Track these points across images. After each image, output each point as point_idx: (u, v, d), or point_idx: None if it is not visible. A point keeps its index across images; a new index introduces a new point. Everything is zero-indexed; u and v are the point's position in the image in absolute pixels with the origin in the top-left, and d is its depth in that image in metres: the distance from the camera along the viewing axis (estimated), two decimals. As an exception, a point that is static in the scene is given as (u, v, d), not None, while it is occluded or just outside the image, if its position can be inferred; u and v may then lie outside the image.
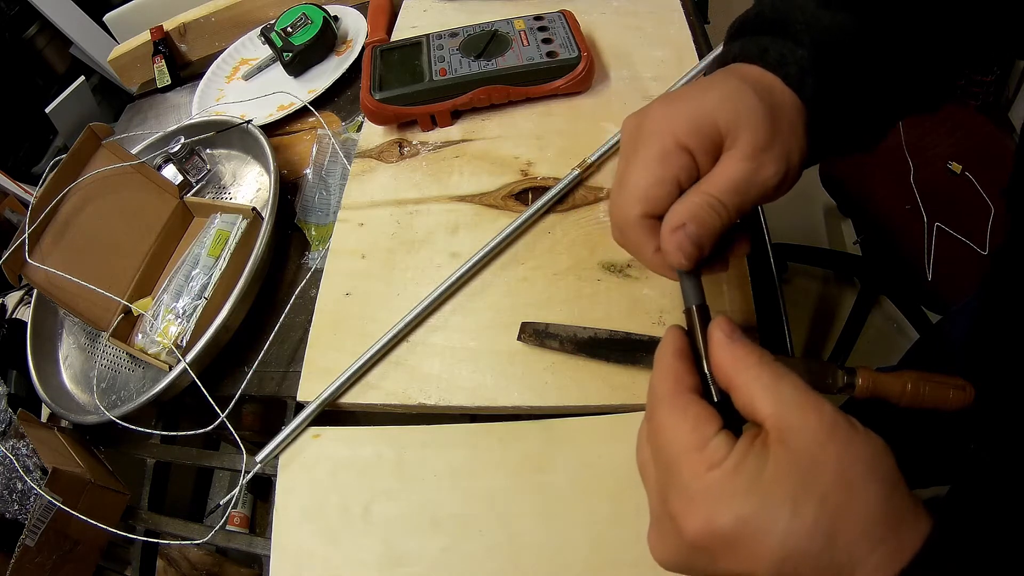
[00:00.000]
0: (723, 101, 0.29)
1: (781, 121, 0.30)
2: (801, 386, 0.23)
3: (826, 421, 0.22)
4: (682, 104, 0.30)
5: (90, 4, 1.04)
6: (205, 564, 0.62)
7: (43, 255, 0.54)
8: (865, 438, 0.22)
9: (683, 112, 0.30)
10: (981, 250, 0.90)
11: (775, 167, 0.29)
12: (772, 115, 0.29)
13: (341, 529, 0.40)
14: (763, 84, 0.31)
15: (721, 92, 0.30)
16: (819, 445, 0.21)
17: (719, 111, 0.29)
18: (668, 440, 0.24)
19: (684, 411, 0.24)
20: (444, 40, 0.56)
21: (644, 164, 0.30)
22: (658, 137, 0.30)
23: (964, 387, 0.35)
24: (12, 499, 0.47)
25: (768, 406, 0.23)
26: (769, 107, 0.30)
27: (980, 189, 0.94)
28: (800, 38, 0.31)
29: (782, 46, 0.31)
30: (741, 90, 0.30)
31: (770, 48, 0.31)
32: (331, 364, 0.44)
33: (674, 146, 0.29)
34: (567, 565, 0.36)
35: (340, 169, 0.59)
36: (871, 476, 0.21)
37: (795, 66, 0.31)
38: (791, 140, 0.30)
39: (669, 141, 0.29)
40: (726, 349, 0.25)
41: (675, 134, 0.29)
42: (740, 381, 0.24)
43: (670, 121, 0.30)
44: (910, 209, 0.95)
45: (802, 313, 1.41)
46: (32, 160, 1.04)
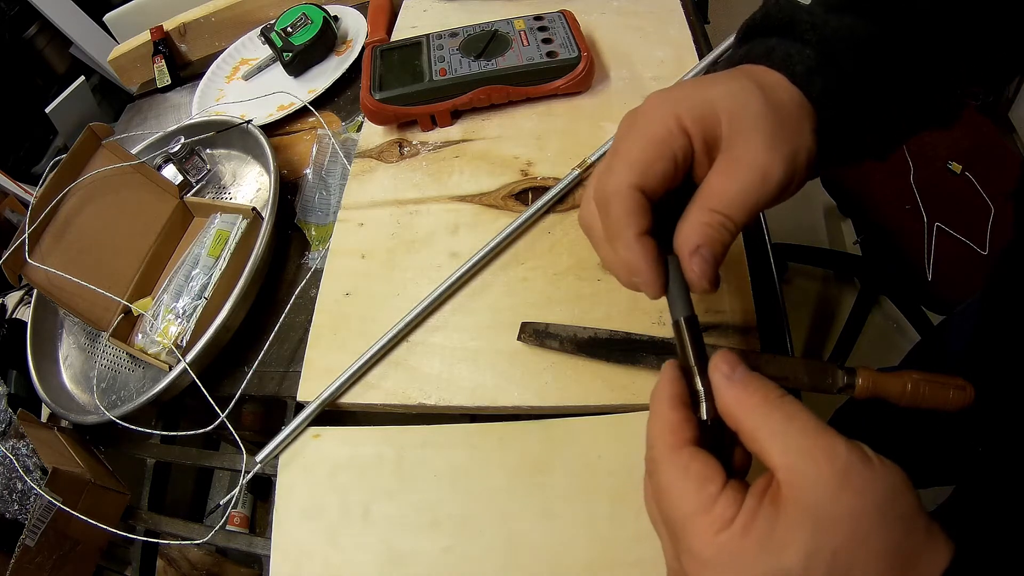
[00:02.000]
0: (729, 96, 0.28)
1: (787, 121, 0.28)
2: (811, 429, 0.22)
3: (839, 468, 0.21)
4: (686, 90, 0.29)
5: (90, 4, 1.04)
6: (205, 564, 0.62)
7: (43, 255, 0.54)
8: (881, 476, 0.21)
9: (687, 97, 0.28)
10: (981, 250, 0.90)
11: (781, 171, 0.27)
12: (778, 116, 0.28)
13: (341, 529, 0.40)
14: (768, 83, 0.30)
15: (728, 87, 0.29)
16: (831, 498, 0.21)
17: (723, 104, 0.28)
18: (674, 504, 0.23)
19: (686, 470, 0.23)
20: (444, 40, 0.56)
21: (643, 137, 0.28)
22: (659, 116, 0.28)
23: (964, 387, 0.35)
24: (12, 499, 0.47)
25: (777, 455, 0.22)
26: (774, 107, 0.28)
27: (980, 189, 0.94)
28: (807, 38, 0.30)
29: (789, 46, 0.30)
30: (747, 89, 0.28)
31: (776, 48, 0.31)
32: (331, 364, 0.44)
33: (676, 126, 0.28)
34: (567, 565, 0.36)
35: (340, 169, 0.59)
36: (886, 520, 0.21)
37: (802, 64, 0.30)
38: (797, 140, 0.28)
39: (672, 121, 0.28)
40: (728, 392, 0.24)
41: (677, 115, 0.28)
42: (747, 426, 0.23)
43: (673, 104, 0.28)
44: (910, 209, 0.95)
45: (802, 313, 1.41)
46: (32, 160, 1.04)
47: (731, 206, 0.27)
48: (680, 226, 0.28)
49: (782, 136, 0.28)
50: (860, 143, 0.33)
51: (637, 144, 0.28)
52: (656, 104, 0.29)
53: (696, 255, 0.27)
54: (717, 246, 0.27)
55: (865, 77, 0.30)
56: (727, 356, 0.25)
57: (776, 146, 0.27)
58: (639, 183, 0.28)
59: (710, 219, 0.27)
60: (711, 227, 0.27)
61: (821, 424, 0.22)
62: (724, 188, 0.27)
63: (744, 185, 0.27)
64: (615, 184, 0.28)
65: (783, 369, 0.37)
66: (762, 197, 0.27)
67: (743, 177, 0.27)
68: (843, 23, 0.30)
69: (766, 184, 0.27)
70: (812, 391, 0.37)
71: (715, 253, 0.27)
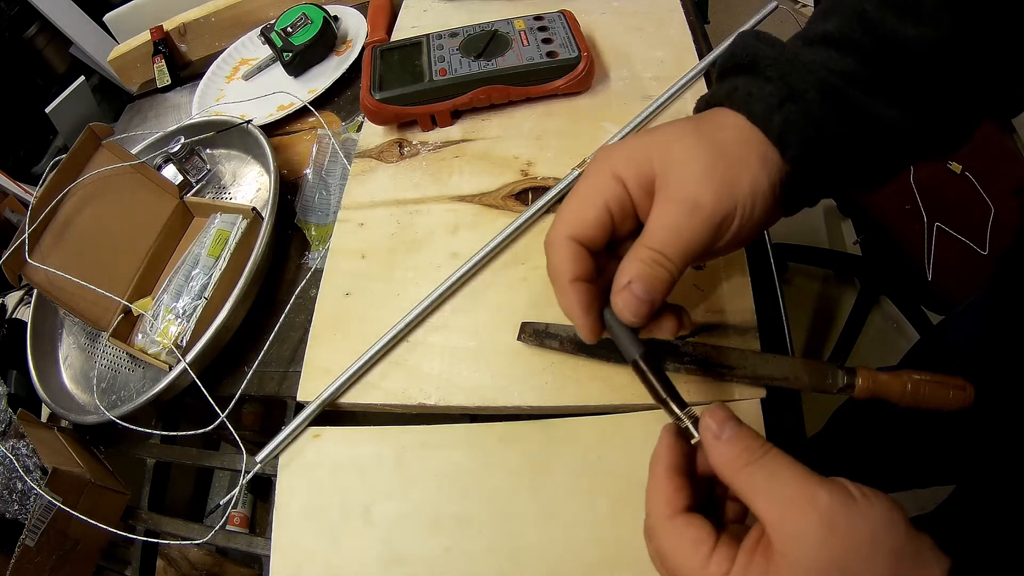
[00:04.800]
0: (661, 140, 0.30)
1: (724, 156, 0.29)
2: (793, 480, 0.23)
3: (824, 517, 0.22)
4: (626, 141, 0.31)
5: (90, 4, 1.04)
6: (205, 564, 0.62)
7: (43, 255, 0.54)
8: (865, 514, 0.22)
9: (623, 147, 0.31)
10: (981, 250, 0.90)
11: (711, 202, 0.28)
12: (713, 151, 0.29)
13: (341, 529, 0.40)
14: (716, 123, 0.31)
15: (663, 132, 0.30)
16: (818, 546, 0.22)
17: (655, 148, 0.30)
18: (672, 565, 0.25)
19: (680, 535, 0.25)
20: (444, 40, 0.56)
21: (580, 192, 0.31)
22: (597, 169, 0.31)
23: (964, 387, 0.35)
24: (12, 499, 0.47)
25: (764, 509, 0.23)
26: (710, 144, 0.29)
27: (980, 189, 0.94)
28: (768, 74, 0.30)
29: (751, 84, 0.31)
30: (681, 131, 0.30)
31: (739, 87, 0.31)
32: (331, 364, 0.44)
33: (609, 177, 0.30)
34: (567, 565, 0.36)
35: (340, 169, 0.59)
36: (875, 557, 0.22)
37: (760, 103, 0.30)
38: (736, 173, 0.29)
39: (606, 172, 0.30)
40: (715, 452, 0.25)
41: (612, 166, 0.30)
42: (737, 484, 0.25)
43: (611, 155, 0.31)
44: (910, 209, 0.95)
45: (802, 313, 1.41)
46: (32, 160, 1.04)
47: (663, 242, 0.28)
48: (619, 267, 0.29)
49: (717, 169, 0.28)
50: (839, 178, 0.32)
51: (574, 197, 0.31)
52: (596, 159, 0.31)
53: (625, 290, 0.28)
54: (650, 282, 0.28)
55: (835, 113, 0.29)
56: (715, 415, 0.26)
57: (707, 178, 0.28)
58: (571, 233, 0.30)
59: (643, 255, 0.28)
60: (643, 263, 0.28)
61: (804, 474, 0.23)
62: (656, 225, 0.29)
63: (673, 220, 0.28)
64: (552, 235, 0.30)
65: (783, 369, 0.37)
66: (694, 230, 0.28)
67: (672, 211, 0.28)
68: (817, 56, 0.30)
69: (695, 216, 0.28)
70: (812, 391, 0.37)
71: (648, 289, 0.28)
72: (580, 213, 0.30)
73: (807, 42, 0.31)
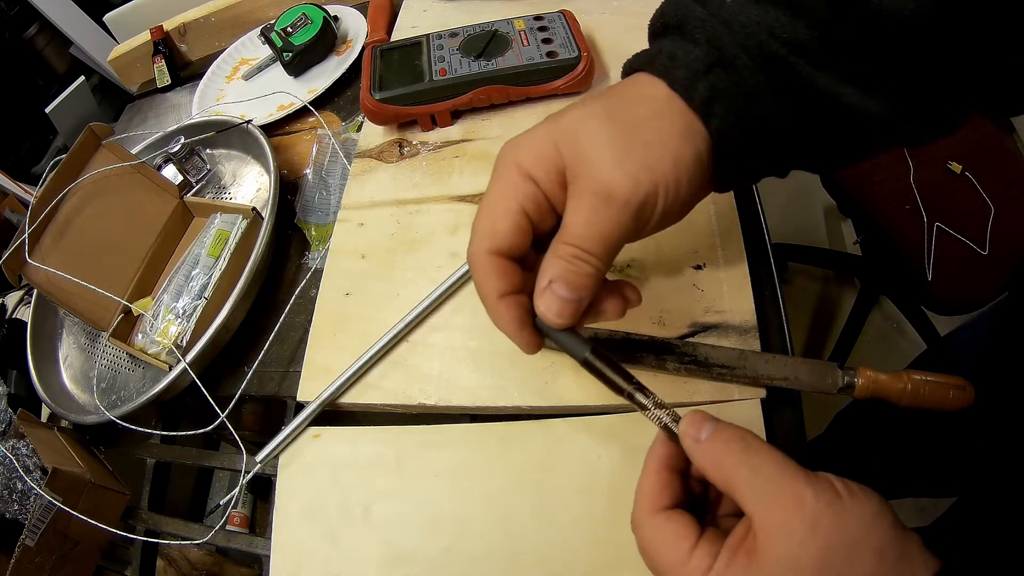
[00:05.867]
0: (568, 128, 0.27)
1: (640, 136, 0.27)
2: (777, 477, 0.23)
3: (807, 515, 0.22)
4: (533, 133, 0.28)
5: (90, 4, 1.04)
6: (205, 564, 0.62)
7: (43, 255, 0.54)
8: (851, 512, 0.22)
9: (530, 142, 0.28)
10: (981, 250, 0.90)
11: (628, 188, 0.26)
12: (626, 133, 0.26)
13: (341, 529, 0.40)
14: (630, 96, 0.28)
15: (570, 117, 0.28)
16: (800, 544, 0.22)
17: (560, 136, 0.27)
18: (655, 559, 0.25)
19: (662, 530, 0.25)
20: (444, 40, 0.56)
21: (490, 198, 0.28)
22: (504, 169, 0.28)
23: (964, 387, 0.35)
24: (12, 499, 0.47)
25: (749, 507, 0.23)
26: (622, 125, 0.27)
27: (980, 189, 0.94)
28: (696, 36, 0.28)
29: (676, 47, 0.28)
30: (589, 114, 0.27)
31: (663, 50, 0.28)
32: (331, 364, 0.44)
33: (518, 177, 0.27)
34: (567, 565, 0.36)
35: (340, 169, 0.59)
36: (858, 556, 0.22)
37: (684, 69, 0.27)
38: (657, 153, 0.26)
39: (513, 172, 0.28)
40: (697, 455, 0.25)
41: (519, 164, 0.28)
42: (722, 483, 0.24)
43: (516, 151, 0.28)
44: (910, 209, 0.95)
45: (802, 313, 1.41)
46: (32, 160, 1.04)
47: (581, 237, 0.26)
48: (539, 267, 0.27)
49: (631, 152, 0.26)
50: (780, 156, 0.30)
51: (486, 206, 0.28)
52: (501, 158, 0.29)
53: (547, 291, 0.26)
54: (573, 278, 0.26)
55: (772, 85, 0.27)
56: (692, 420, 0.26)
57: (621, 164, 0.26)
58: (490, 247, 0.27)
59: (562, 252, 0.26)
60: (563, 259, 0.26)
61: (788, 469, 0.23)
62: (572, 220, 0.27)
63: (589, 213, 0.26)
64: (471, 252, 0.28)
65: (783, 369, 0.37)
66: (612, 221, 0.26)
67: (586, 204, 0.26)
68: (762, 17, 0.26)
69: (611, 206, 0.26)
70: (812, 391, 0.37)
71: (571, 286, 0.26)
72: (495, 224, 0.27)
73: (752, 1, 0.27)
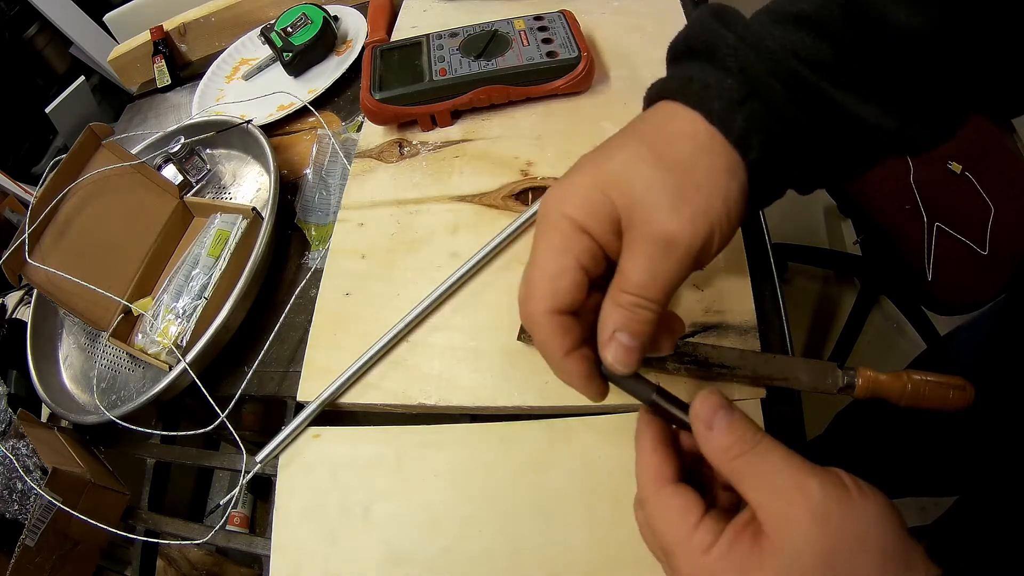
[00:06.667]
0: (615, 172, 0.27)
1: (691, 177, 0.27)
2: (785, 470, 0.23)
3: (815, 508, 0.22)
4: (578, 181, 0.28)
5: (90, 4, 1.04)
6: (205, 564, 0.62)
7: (43, 255, 0.54)
8: (859, 508, 0.22)
9: (578, 192, 0.27)
10: (981, 250, 0.90)
11: (688, 235, 0.26)
12: (676, 176, 0.26)
13: (341, 529, 0.40)
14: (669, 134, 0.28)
15: (615, 160, 0.28)
16: (805, 538, 0.22)
17: (610, 184, 0.27)
18: (661, 531, 0.25)
19: (668, 504, 0.25)
20: (444, 40, 0.56)
21: (544, 255, 0.28)
22: (555, 223, 0.28)
23: (964, 387, 0.35)
24: (12, 499, 0.47)
25: (755, 498, 0.23)
26: (671, 166, 0.27)
27: (980, 189, 0.94)
28: (728, 64, 0.28)
29: (709, 75, 0.28)
30: (637, 157, 0.27)
31: (695, 79, 0.28)
32: (331, 364, 0.44)
33: (571, 231, 0.27)
34: (567, 565, 0.36)
35: (340, 169, 0.59)
36: (862, 555, 0.21)
37: (720, 100, 0.27)
38: (708, 193, 0.27)
39: (566, 226, 0.27)
40: (707, 443, 0.25)
41: (571, 217, 0.27)
42: (729, 473, 0.24)
43: (565, 204, 0.28)
44: (910, 209, 0.95)
45: (802, 313, 1.41)
46: (32, 160, 1.04)
47: (641, 285, 0.26)
48: (600, 315, 0.27)
49: (686, 196, 0.26)
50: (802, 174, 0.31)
51: (539, 264, 0.28)
52: (548, 211, 0.28)
53: (612, 341, 0.27)
54: (635, 326, 0.27)
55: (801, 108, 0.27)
56: (706, 403, 0.25)
57: (678, 209, 0.26)
58: (552, 307, 0.27)
59: (623, 301, 0.26)
60: (625, 309, 0.26)
61: (797, 463, 0.23)
62: (631, 268, 0.27)
63: (649, 261, 0.26)
64: (531, 311, 0.28)
65: (783, 369, 0.37)
66: (672, 268, 0.26)
67: (646, 253, 0.26)
68: (787, 38, 0.27)
69: (671, 253, 0.26)
70: (812, 391, 0.37)
71: (634, 334, 0.27)
72: (553, 282, 0.27)
73: (776, 19, 0.28)
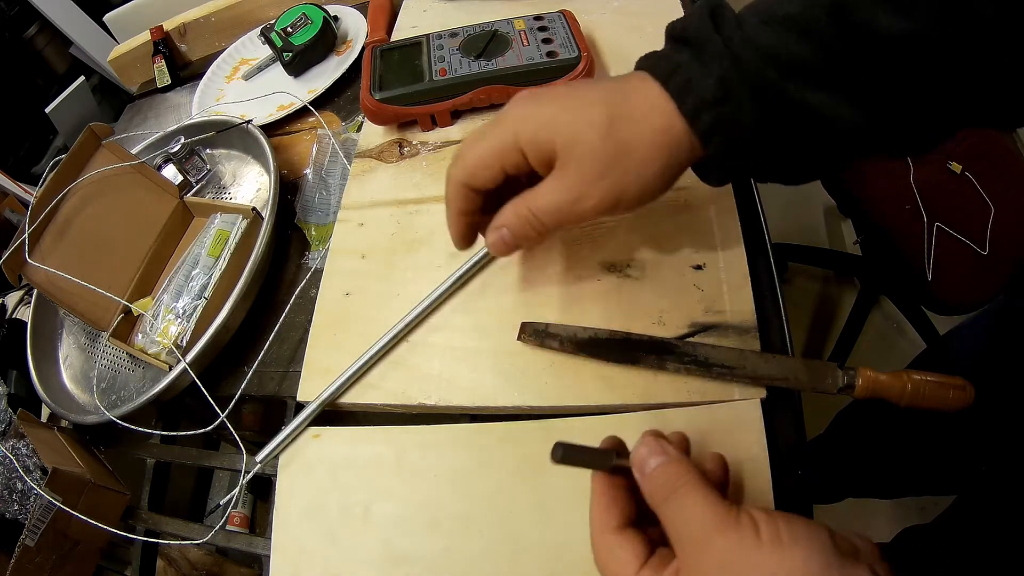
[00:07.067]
0: (569, 127, 0.32)
1: (631, 156, 0.31)
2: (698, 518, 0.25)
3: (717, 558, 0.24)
4: (541, 109, 0.33)
5: (90, 4, 1.04)
6: (205, 564, 0.62)
7: (43, 255, 0.54)
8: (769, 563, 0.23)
9: (535, 119, 0.33)
10: (981, 250, 0.90)
11: (596, 199, 0.32)
12: (614, 152, 0.31)
13: (341, 529, 0.40)
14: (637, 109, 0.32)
15: (575, 116, 0.32)
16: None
17: (561, 135, 0.32)
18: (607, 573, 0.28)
19: (611, 551, 0.27)
20: (444, 40, 0.56)
21: (485, 148, 0.34)
22: (505, 129, 0.33)
23: (964, 387, 0.35)
24: (12, 499, 0.47)
25: (675, 543, 0.25)
26: (615, 144, 0.31)
27: (980, 189, 0.94)
28: (710, 66, 0.30)
29: (692, 70, 0.31)
30: (593, 124, 0.31)
31: (680, 69, 0.31)
32: (331, 364, 0.44)
33: (512, 147, 0.33)
34: (567, 565, 0.36)
35: (340, 169, 0.59)
36: None
37: (694, 97, 0.31)
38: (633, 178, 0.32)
39: (510, 139, 0.33)
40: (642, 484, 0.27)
41: (518, 135, 0.33)
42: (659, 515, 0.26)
43: (520, 124, 0.33)
44: (910, 209, 0.95)
45: (802, 313, 1.41)
46: (32, 160, 1.04)
47: (542, 210, 0.33)
48: (501, 209, 0.35)
49: (612, 171, 0.32)
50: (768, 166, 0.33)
51: (475, 148, 0.34)
52: (509, 116, 0.34)
53: (497, 231, 0.35)
54: (519, 231, 0.34)
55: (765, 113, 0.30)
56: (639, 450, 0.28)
57: (603, 178, 0.32)
58: (466, 182, 0.35)
59: (522, 212, 0.34)
60: (519, 217, 0.34)
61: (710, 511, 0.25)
62: (542, 195, 0.33)
63: (558, 201, 0.33)
64: (452, 175, 0.36)
65: (783, 369, 0.37)
66: (573, 213, 0.33)
67: (559, 194, 0.33)
68: (772, 41, 0.29)
69: (577, 205, 0.32)
70: (812, 391, 0.37)
71: (515, 235, 0.34)
72: (478, 168, 0.34)
73: (765, 19, 0.30)
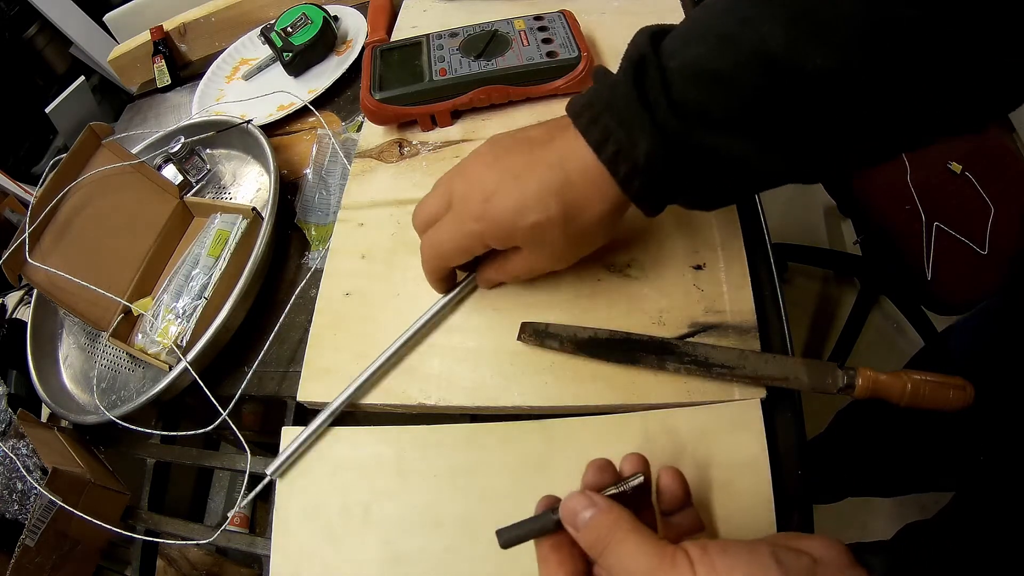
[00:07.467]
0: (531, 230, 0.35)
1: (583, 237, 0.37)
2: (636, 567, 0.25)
3: None
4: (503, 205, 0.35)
5: (90, 4, 1.04)
6: (205, 564, 0.62)
7: (43, 255, 0.54)
8: None
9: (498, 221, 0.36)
10: (981, 250, 0.90)
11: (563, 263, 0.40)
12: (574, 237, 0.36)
13: (341, 529, 0.40)
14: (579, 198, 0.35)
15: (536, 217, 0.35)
16: None
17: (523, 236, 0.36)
18: None
19: None
20: (444, 40, 0.56)
21: (454, 245, 0.38)
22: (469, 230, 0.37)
23: (964, 387, 0.35)
24: (12, 499, 0.47)
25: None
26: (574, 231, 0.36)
27: (980, 189, 0.94)
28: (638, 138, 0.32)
29: (621, 140, 0.32)
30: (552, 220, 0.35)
31: (612, 138, 0.33)
32: (331, 364, 0.44)
33: (480, 243, 0.38)
34: (567, 565, 0.36)
35: (340, 169, 0.59)
36: None
37: (624, 166, 0.33)
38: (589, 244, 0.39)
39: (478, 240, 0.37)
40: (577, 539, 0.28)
41: (483, 236, 0.37)
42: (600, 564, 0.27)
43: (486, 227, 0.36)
44: (910, 209, 0.95)
45: (802, 313, 1.41)
46: (32, 160, 1.04)
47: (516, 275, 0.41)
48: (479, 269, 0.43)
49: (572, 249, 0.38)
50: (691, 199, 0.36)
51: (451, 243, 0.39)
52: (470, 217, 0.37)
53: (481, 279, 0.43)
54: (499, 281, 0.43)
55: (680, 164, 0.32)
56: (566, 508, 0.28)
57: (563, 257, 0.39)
58: (441, 267, 0.41)
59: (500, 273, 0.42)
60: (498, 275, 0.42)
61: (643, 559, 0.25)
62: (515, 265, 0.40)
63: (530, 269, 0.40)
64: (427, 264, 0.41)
65: (783, 369, 0.37)
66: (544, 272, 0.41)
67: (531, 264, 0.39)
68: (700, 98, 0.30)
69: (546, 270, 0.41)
70: (812, 391, 0.37)
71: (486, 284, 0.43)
72: (450, 259, 0.40)
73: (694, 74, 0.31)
